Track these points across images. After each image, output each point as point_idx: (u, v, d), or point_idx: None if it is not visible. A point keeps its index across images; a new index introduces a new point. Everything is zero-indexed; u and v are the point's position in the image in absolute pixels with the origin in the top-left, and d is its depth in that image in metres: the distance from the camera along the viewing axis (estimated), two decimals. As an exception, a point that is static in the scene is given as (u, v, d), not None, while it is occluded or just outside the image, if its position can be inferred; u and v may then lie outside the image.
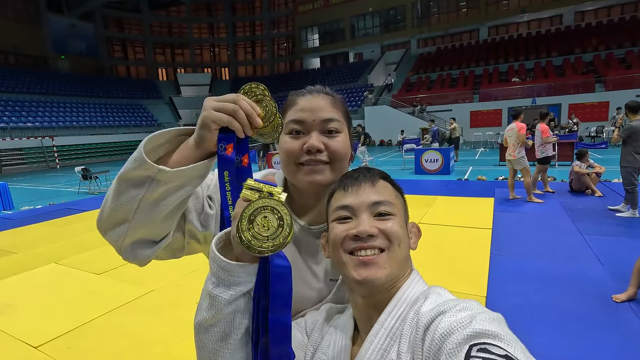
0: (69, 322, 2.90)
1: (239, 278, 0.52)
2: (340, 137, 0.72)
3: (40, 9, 26.93)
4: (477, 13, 26.97)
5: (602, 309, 2.64)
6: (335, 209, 0.61)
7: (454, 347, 0.41)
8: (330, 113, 0.71)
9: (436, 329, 0.45)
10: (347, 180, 0.63)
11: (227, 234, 0.56)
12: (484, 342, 0.40)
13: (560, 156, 9.68)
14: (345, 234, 0.58)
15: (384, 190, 0.62)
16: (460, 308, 0.47)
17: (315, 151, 0.69)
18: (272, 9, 35.18)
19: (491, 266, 3.50)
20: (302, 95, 0.73)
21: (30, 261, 4.44)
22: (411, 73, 26.20)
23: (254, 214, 0.49)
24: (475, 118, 20.37)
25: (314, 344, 0.64)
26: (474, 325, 0.42)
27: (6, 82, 23.22)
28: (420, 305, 0.53)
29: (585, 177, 6.04)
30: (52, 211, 7.53)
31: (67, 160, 20.81)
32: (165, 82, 33.70)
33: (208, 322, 0.53)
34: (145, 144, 0.57)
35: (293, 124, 0.71)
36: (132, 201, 0.57)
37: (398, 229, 0.58)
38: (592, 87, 18.32)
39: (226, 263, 0.51)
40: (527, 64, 22.56)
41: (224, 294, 0.52)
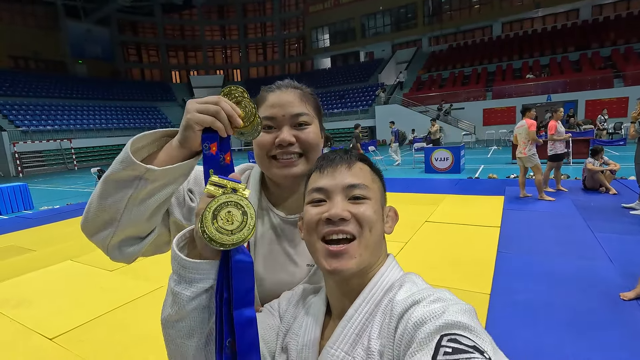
0: (82, 315, 3.01)
1: (199, 275, 0.53)
2: (311, 128, 0.75)
3: (58, 16, 27.76)
4: (490, 9, 26.52)
5: (609, 307, 2.60)
6: (310, 191, 0.61)
7: (426, 336, 0.42)
8: (299, 107, 0.74)
9: (409, 318, 0.46)
10: (323, 162, 0.62)
11: (190, 232, 0.58)
12: (454, 333, 0.41)
13: (575, 154, 9.47)
14: (318, 217, 0.57)
15: (361, 172, 0.60)
16: (434, 299, 0.47)
17: (286, 144, 0.72)
18: (282, 10, 35.37)
19: (497, 263, 3.47)
20: (272, 91, 0.76)
21: (47, 258, 4.62)
22: (422, 71, 25.96)
23: (218, 208, 0.50)
24: (488, 116, 20.06)
25: (287, 325, 0.65)
26: (446, 316, 0.43)
27: (27, 87, 24.03)
28: (394, 293, 0.54)
29: (598, 175, 5.90)
30: (70, 211, 7.78)
31: (84, 162, 21.39)
32: (179, 85, 34.28)
33: (173, 317, 0.55)
34: (131, 145, 0.59)
35: (265, 120, 0.73)
36: (120, 201, 0.59)
37: (371, 213, 0.57)
38: (611, 83, 17.82)
39: (186, 261, 0.52)
40: (542, 60, 22.07)
41: (185, 291, 0.53)
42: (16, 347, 2.62)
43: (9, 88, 23.02)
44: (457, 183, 7.99)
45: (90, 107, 25.47)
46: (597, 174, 5.91)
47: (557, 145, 6.01)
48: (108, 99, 27.58)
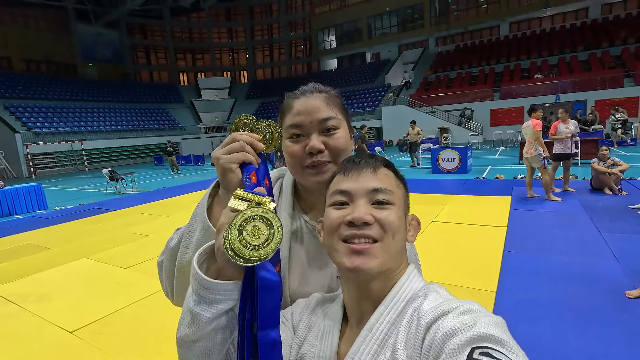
0: (100, 310, 3.13)
1: (220, 296, 0.52)
2: (339, 133, 0.74)
3: (69, 20, 28.28)
4: (497, 9, 26.36)
5: (614, 305, 2.63)
6: (333, 193, 0.60)
7: (456, 348, 0.41)
8: (326, 112, 0.73)
9: (438, 329, 0.45)
10: (348, 164, 0.61)
11: (208, 249, 0.56)
12: (486, 346, 0.40)
13: (584, 154, 9.41)
14: (340, 220, 0.56)
15: (385, 178, 0.59)
16: (464, 310, 0.46)
17: (316, 152, 0.71)
18: (289, 12, 35.57)
19: (503, 262, 3.51)
20: (297, 98, 0.75)
21: (63, 256, 4.76)
22: (429, 72, 25.90)
23: (244, 223, 0.49)
24: (495, 116, 19.96)
25: (301, 337, 0.63)
26: (478, 329, 0.42)
27: (39, 90, 24.53)
28: (420, 302, 0.53)
29: (604, 176, 5.89)
30: (82, 211, 7.96)
31: (94, 163, 21.76)
32: (187, 86, 34.65)
33: (189, 337, 0.53)
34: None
35: (292, 129, 0.73)
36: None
37: (395, 219, 0.56)
38: (621, 82, 17.61)
39: (207, 281, 0.51)
40: (551, 59, 21.88)
41: (205, 312, 0.52)
42: (39, 340, 2.74)
43: (22, 91, 23.55)
44: (464, 183, 8.00)
45: (101, 109, 25.90)
46: (603, 174, 5.89)
47: (557, 145, 6.05)
48: (117, 101, 28.01)
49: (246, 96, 33.95)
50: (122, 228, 6.05)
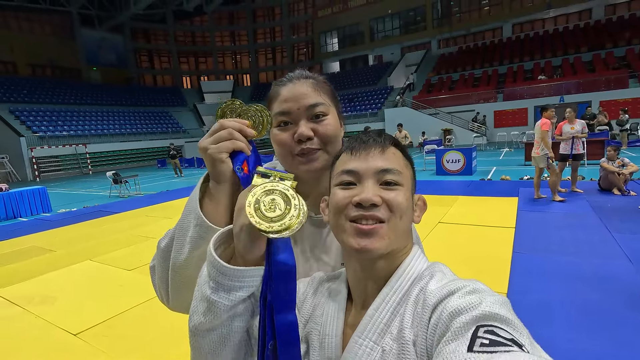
0: (104, 312, 3.09)
1: (239, 283, 0.51)
2: (328, 119, 0.71)
3: (74, 24, 28.51)
4: (500, 10, 26.32)
5: (628, 306, 2.57)
6: (340, 173, 0.58)
7: (461, 326, 0.42)
8: (314, 98, 0.70)
9: (444, 309, 0.45)
10: (355, 143, 0.59)
11: (225, 234, 0.55)
12: (491, 324, 0.40)
13: (590, 155, 9.32)
14: (347, 200, 0.55)
15: (394, 158, 0.58)
16: (470, 290, 0.47)
17: (305, 139, 0.68)
18: (291, 15, 35.70)
19: (513, 264, 3.45)
20: (284, 85, 0.72)
21: (67, 258, 4.74)
22: (432, 74, 25.87)
23: (262, 195, 0.49)
24: (499, 118, 19.87)
25: (305, 316, 0.62)
26: (483, 307, 0.42)
27: (44, 94, 24.70)
28: (426, 282, 0.53)
29: (613, 175, 5.81)
30: (86, 213, 7.96)
31: (98, 167, 21.84)
32: (190, 90, 34.78)
33: (204, 326, 0.52)
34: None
35: (280, 116, 0.70)
36: None
37: (403, 200, 0.55)
38: (626, 83, 17.50)
39: (225, 267, 0.50)
40: (554, 60, 21.79)
41: (224, 300, 0.50)
42: (43, 342, 2.71)
43: (27, 95, 23.72)
44: (469, 185, 7.94)
45: (104, 113, 26.04)
46: (612, 174, 5.82)
47: (562, 145, 6.02)
48: (121, 104, 28.15)
49: (249, 99, 34.04)
50: (126, 230, 6.03)
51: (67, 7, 27.31)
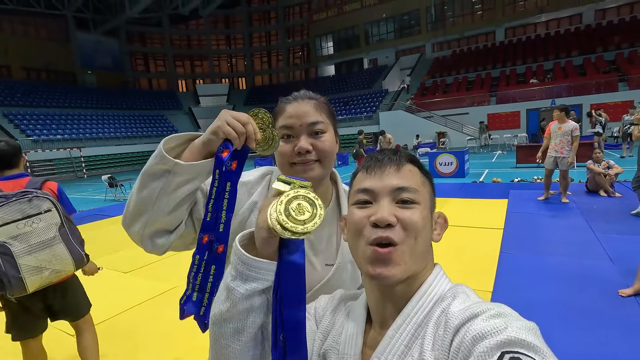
0: (101, 314, 3.14)
1: (255, 273, 0.54)
2: (326, 136, 0.82)
3: (69, 28, 28.48)
4: (493, 15, 26.68)
5: (608, 303, 2.68)
6: (356, 192, 0.58)
7: (485, 351, 0.40)
8: (314, 117, 0.81)
9: (467, 332, 0.44)
10: (371, 161, 0.60)
11: (250, 233, 0.60)
12: (517, 352, 0.38)
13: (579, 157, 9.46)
14: (365, 221, 0.55)
15: (410, 175, 0.57)
16: (494, 313, 0.45)
17: (304, 152, 0.79)
18: (287, 19, 35.90)
19: (500, 263, 3.57)
20: (289, 103, 0.83)
21: (64, 261, 4.78)
22: (426, 77, 26.13)
23: (290, 201, 0.54)
24: (492, 120, 20.11)
25: (324, 332, 0.63)
26: (509, 333, 0.41)
27: (38, 97, 24.59)
28: (448, 304, 0.52)
29: (600, 177, 5.96)
30: (82, 217, 7.98)
31: (93, 170, 21.76)
32: (185, 93, 34.78)
33: (223, 315, 0.56)
34: (164, 144, 0.70)
35: (284, 130, 0.81)
36: (152, 193, 0.70)
37: (419, 219, 0.54)
38: (615, 86, 17.82)
39: (246, 257, 0.54)
40: (546, 64, 22.13)
41: (239, 288, 0.54)
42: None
43: (21, 99, 23.60)
44: (461, 187, 8.07)
45: (99, 117, 25.97)
46: (598, 175, 5.97)
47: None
48: (116, 108, 28.09)
49: (244, 102, 34.09)
50: (122, 233, 5.94)
51: (62, 10, 27.25)
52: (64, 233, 1.81)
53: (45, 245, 1.73)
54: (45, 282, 1.75)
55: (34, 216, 1.73)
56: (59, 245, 1.78)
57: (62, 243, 1.79)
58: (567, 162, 5.54)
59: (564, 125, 5.60)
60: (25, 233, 1.69)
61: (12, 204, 1.69)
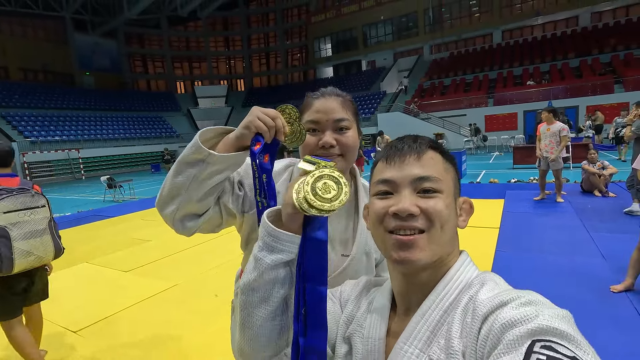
0: (102, 311, 3.20)
1: (281, 245, 0.57)
2: (350, 133, 0.87)
3: (67, 29, 28.48)
4: (490, 17, 26.87)
5: (599, 299, 2.75)
6: (376, 183, 0.58)
7: (515, 339, 0.39)
8: (340, 113, 0.86)
9: (496, 320, 0.43)
10: (391, 150, 0.58)
11: (277, 210, 0.63)
12: (549, 340, 0.37)
13: (575, 158, 9.60)
14: (385, 211, 0.54)
15: (431, 163, 0.56)
16: (525, 301, 0.43)
17: (328, 147, 0.84)
18: (285, 21, 36.01)
19: (495, 261, 3.63)
20: (317, 98, 0.88)
21: (64, 261, 4.77)
22: (424, 79, 26.26)
23: (316, 180, 0.57)
24: (490, 122, 20.23)
25: (349, 316, 0.64)
26: (540, 320, 0.39)
27: (36, 99, 24.58)
28: (475, 291, 0.51)
29: (594, 177, 6.04)
30: (81, 218, 8.00)
31: (91, 172, 21.74)
32: (184, 95, 34.81)
33: (251, 284, 0.59)
34: (200, 135, 0.76)
35: (310, 124, 0.86)
36: (186, 179, 0.75)
37: (442, 208, 0.53)
38: (611, 88, 17.97)
39: (272, 229, 0.58)
40: (543, 66, 22.29)
41: (266, 258, 0.58)
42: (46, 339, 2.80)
43: (19, 100, 23.58)
44: (458, 187, 8.13)
45: (98, 118, 25.96)
46: (593, 176, 6.05)
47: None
48: (115, 109, 28.09)
49: (243, 104, 34.14)
50: (122, 234, 6.11)
51: (61, 12, 27.27)
52: (51, 226, 2.16)
53: (37, 234, 2.06)
54: (29, 265, 2.04)
55: (33, 209, 2.07)
56: (47, 236, 2.11)
57: (49, 234, 2.13)
58: (550, 159, 5.65)
59: (552, 126, 5.68)
60: (23, 221, 2.01)
61: (17, 196, 2.02)
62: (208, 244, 4.94)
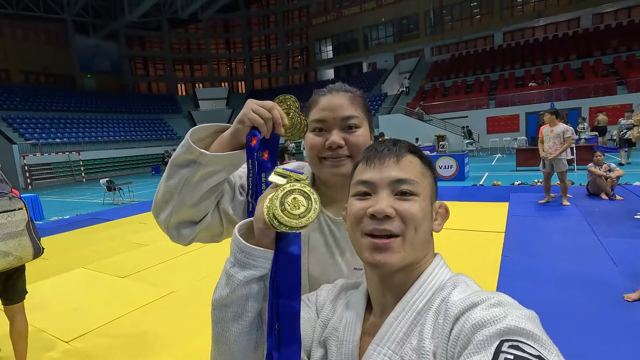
0: (96, 320, 3.09)
1: (254, 261, 0.55)
2: (360, 132, 0.78)
3: (68, 32, 28.51)
4: (491, 19, 26.79)
5: (613, 309, 2.63)
6: (356, 184, 0.59)
7: (484, 339, 0.40)
8: (349, 110, 0.77)
9: (466, 321, 0.44)
10: (371, 152, 0.59)
11: (249, 222, 0.60)
12: (516, 340, 0.39)
13: (580, 160, 9.48)
14: (362, 212, 0.55)
15: (410, 166, 0.57)
16: (494, 302, 0.45)
17: (336, 147, 0.75)
18: (286, 23, 36.02)
19: (502, 267, 3.52)
20: (323, 95, 0.80)
21: (59, 266, 4.72)
22: (425, 81, 26.19)
23: (285, 195, 0.54)
24: (491, 124, 20.12)
25: (324, 320, 0.64)
26: (508, 321, 0.41)
27: (37, 101, 24.56)
28: (448, 293, 0.52)
29: (601, 179, 5.93)
30: (79, 221, 7.92)
31: (92, 174, 21.68)
32: (185, 97, 34.79)
33: (224, 300, 0.57)
34: (191, 134, 0.69)
35: (316, 123, 0.78)
36: (179, 182, 0.68)
37: (417, 211, 0.54)
38: (614, 90, 17.85)
39: (244, 245, 0.55)
40: (544, 68, 22.19)
41: (238, 274, 0.55)
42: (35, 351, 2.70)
43: (20, 102, 23.56)
44: (461, 190, 8.03)
45: (99, 120, 25.93)
46: (599, 178, 5.94)
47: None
48: (116, 111, 28.06)
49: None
50: (119, 237, 6.01)
51: (62, 14, 27.30)
52: (29, 228, 2.25)
53: (15, 235, 2.16)
54: (8, 265, 2.13)
55: (10, 211, 2.17)
56: (26, 237, 2.21)
57: (27, 236, 2.22)
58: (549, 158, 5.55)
59: (556, 128, 5.61)
60: (1, 224, 2.11)
61: None
62: (206, 249, 4.82)
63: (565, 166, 5.61)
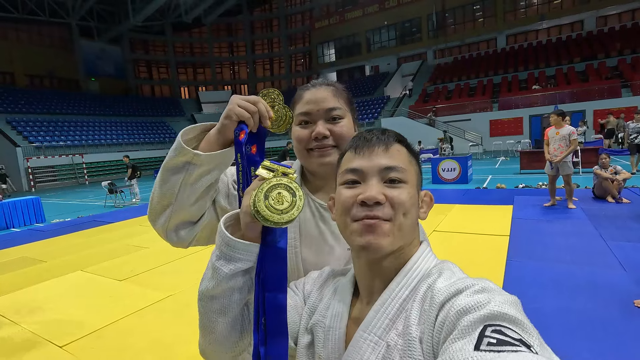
0: (92, 323, 3.04)
1: (239, 255, 0.55)
2: (344, 122, 0.81)
3: (73, 36, 28.73)
4: (494, 22, 26.75)
5: (623, 315, 2.54)
6: (344, 172, 0.59)
7: (469, 324, 0.41)
8: (332, 102, 0.80)
9: (451, 307, 0.45)
10: (359, 141, 0.59)
11: (235, 215, 0.61)
12: (499, 324, 0.40)
13: (585, 163, 9.37)
14: (352, 200, 0.55)
15: (398, 155, 0.58)
16: (478, 289, 0.46)
17: (321, 138, 0.78)
18: (289, 26, 36.16)
19: (507, 271, 3.43)
20: (307, 89, 0.83)
21: (58, 269, 4.68)
22: (428, 84, 26.13)
23: (270, 189, 0.53)
24: (495, 127, 20.03)
25: (312, 307, 0.64)
26: (491, 307, 0.42)
27: (41, 104, 24.70)
28: (434, 280, 0.52)
29: (607, 182, 5.82)
30: (80, 223, 7.89)
31: (95, 177, 21.72)
32: (188, 100, 34.92)
33: (209, 292, 0.57)
34: (182, 135, 0.70)
35: (301, 116, 0.81)
36: (174, 186, 0.70)
37: (406, 198, 0.55)
38: (619, 92, 17.72)
39: (229, 238, 0.55)
40: (548, 70, 22.08)
41: (224, 267, 0.55)
42: (28, 355, 2.65)
43: (24, 105, 23.70)
44: (465, 193, 7.94)
45: (102, 123, 26.03)
46: (605, 181, 5.83)
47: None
48: (119, 115, 28.18)
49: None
50: (119, 240, 5.97)
51: (67, 18, 27.52)
52: None
53: None
54: None
55: None
56: None
57: None
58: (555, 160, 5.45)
59: (562, 130, 5.53)
60: None
61: None
62: (204, 252, 4.78)
63: (571, 169, 5.52)
